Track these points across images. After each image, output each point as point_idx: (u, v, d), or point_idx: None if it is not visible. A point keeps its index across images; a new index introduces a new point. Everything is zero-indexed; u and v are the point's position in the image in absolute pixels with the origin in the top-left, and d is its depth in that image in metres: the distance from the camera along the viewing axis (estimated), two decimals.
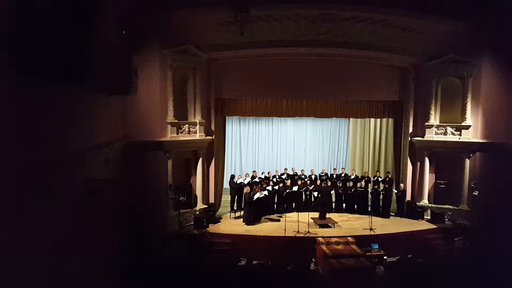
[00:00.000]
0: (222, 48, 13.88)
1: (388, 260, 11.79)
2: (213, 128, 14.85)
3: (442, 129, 14.64)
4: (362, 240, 12.40)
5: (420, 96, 15.10)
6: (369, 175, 16.60)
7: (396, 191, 15.42)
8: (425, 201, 15.03)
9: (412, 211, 15.02)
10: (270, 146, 19.21)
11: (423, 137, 14.97)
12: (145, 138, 12.37)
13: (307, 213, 14.15)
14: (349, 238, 12.47)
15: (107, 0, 8.56)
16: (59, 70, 4.96)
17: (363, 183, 15.63)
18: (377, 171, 16.95)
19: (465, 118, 14.23)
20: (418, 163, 15.31)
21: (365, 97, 15.48)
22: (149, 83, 12.35)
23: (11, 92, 4.76)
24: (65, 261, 6.07)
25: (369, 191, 15.54)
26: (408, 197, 15.48)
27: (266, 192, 14.52)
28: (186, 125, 13.75)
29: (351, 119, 18.46)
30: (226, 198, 15.67)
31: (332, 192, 15.48)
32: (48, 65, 4.85)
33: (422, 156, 15.08)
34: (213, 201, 15.00)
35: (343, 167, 17.95)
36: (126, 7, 10.42)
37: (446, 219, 14.46)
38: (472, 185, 13.64)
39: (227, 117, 15.93)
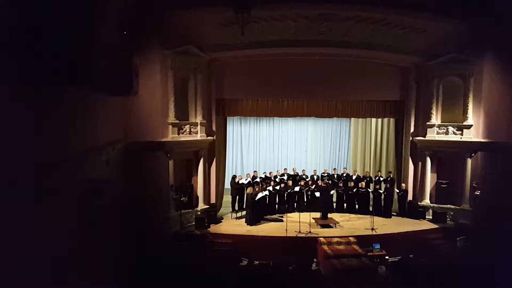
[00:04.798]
0: (223, 48, 13.88)
1: (389, 260, 11.76)
2: (214, 128, 14.85)
3: (444, 129, 14.60)
4: (364, 240, 12.38)
5: (422, 96, 15.07)
6: (371, 175, 16.58)
7: (397, 191, 15.40)
8: (426, 201, 14.99)
9: (413, 211, 14.99)
10: (271, 146, 19.23)
11: (424, 136, 14.93)
12: (146, 139, 12.38)
13: (308, 213, 14.14)
14: (350, 238, 12.46)
15: (108, 0, 8.57)
16: (59, 71, 4.97)
17: (363, 183, 15.59)
18: (378, 171, 16.95)
19: (467, 117, 14.19)
20: (420, 163, 15.26)
21: (366, 97, 15.46)
22: (150, 84, 12.35)
23: (11, 92, 4.76)
24: (65, 261, 6.06)
25: (370, 191, 15.52)
26: (410, 197, 15.45)
27: (267, 192, 14.51)
28: (187, 126, 13.74)
29: (352, 119, 18.44)
30: (227, 198, 15.67)
31: (333, 192, 15.47)
32: (49, 65, 4.86)
33: (424, 155, 15.04)
34: (214, 202, 15.00)
35: (345, 167, 17.96)
36: (127, 7, 10.43)
37: (448, 219, 14.42)
38: (474, 184, 13.63)
39: (228, 118, 15.94)
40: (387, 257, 11.83)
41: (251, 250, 12.20)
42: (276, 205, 15.47)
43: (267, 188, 14.72)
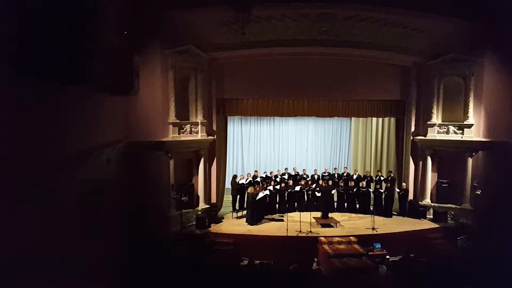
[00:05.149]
0: (223, 48, 13.89)
1: (390, 260, 11.77)
2: (214, 128, 14.85)
3: (445, 128, 14.59)
4: (365, 240, 12.40)
5: (422, 95, 15.07)
6: (371, 175, 16.57)
7: (398, 190, 15.40)
8: (427, 200, 14.98)
9: (414, 210, 14.99)
10: (271, 146, 19.23)
11: (425, 136, 14.93)
12: (147, 138, 12.39)
13: (309, 212, 14.13)
14: (351, 237, 12.47)
15: (108, 0, 8.57)
16: (60, 71, 4.96)
17: (364, 183, 15.58)
18: (378, 171, 16.94)
19: (468, 116, 14.18)
20: (421, 162, 15.26)
21: (367, 96, 15.46)
22: (150, 83, 12.36)
23: (11, 92, 4.76)
24: (65, 261, 6.06)
25: (371, 190, 15.52)
26: (411, 196, 15.45)
27: (267, 192, 14.51)
28: (188, 125, 13.75)
29: (353, 118, 18.44)
30: (228, 198, 15.67)
31: (334, 191, 15.46)
32: (49, 65, 4.85)
33: (424, 155, 15.04)
34: (215, 201, 15.01)
35: (345, 166, 17.96)
36: (127, 7, 10.43)
37: (449, 218, 14.44)
38: (474, 184, 13.61)
39: (228, 117, 15.95)
40: (387, 257, 11.85)
41: (252, 250, 12.20)
42: (277, 205, 15.47)
43: (268, 188, 14.72)
